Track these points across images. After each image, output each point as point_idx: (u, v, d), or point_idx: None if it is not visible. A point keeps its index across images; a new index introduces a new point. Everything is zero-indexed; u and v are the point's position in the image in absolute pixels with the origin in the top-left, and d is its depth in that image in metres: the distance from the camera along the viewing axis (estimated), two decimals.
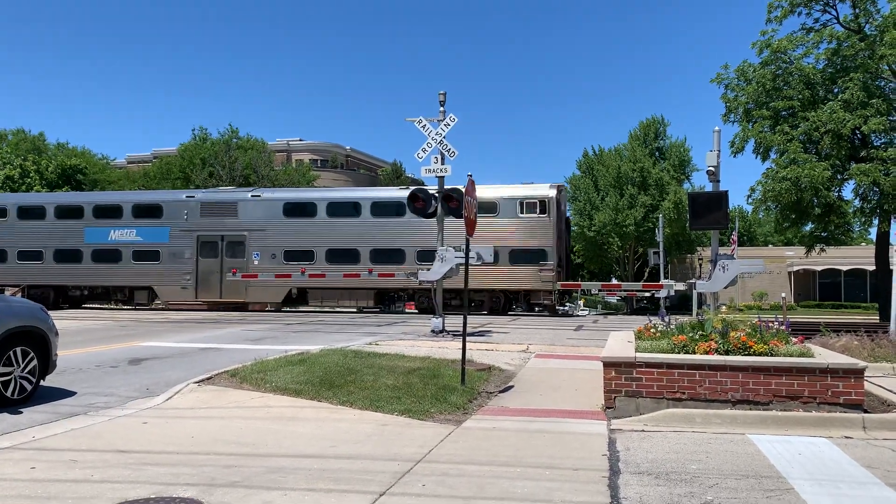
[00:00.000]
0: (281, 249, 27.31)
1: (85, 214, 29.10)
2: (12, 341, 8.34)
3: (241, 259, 27.56)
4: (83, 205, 29.55)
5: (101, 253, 28.67)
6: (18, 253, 29.28)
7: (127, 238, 28.60)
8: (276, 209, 27.76)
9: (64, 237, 29.08)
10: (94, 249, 28.77)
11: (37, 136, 53.35)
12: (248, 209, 27.90)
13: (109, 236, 28.72)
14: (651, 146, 53.01)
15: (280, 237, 27.45)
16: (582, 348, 13.83)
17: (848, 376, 7.77)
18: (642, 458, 6.34)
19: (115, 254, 28.57)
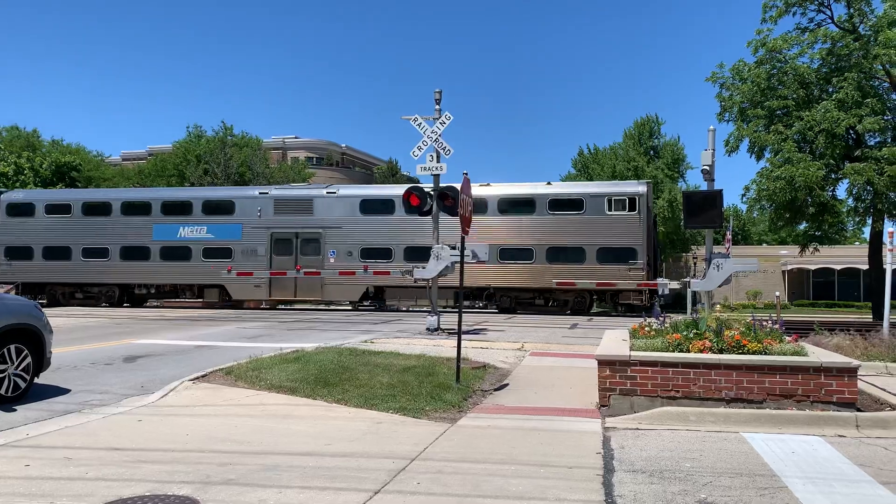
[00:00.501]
0: (358, 247, 26.64)
1: (153, 211, 28.33)
2: (6, 339, 8.32)
3: (316, 257, 26.84)
4: (151, 201, 28.82)
5: (170, 250, 27.87)
6: (83, 250, 28.42)
7: (197, 235, 27.83)
8: (354, 206, 27.10)
9: (131, 234, 28.25)
10: (162, 247, 27.95)
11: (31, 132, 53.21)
12: (325, 206, 27.21)
13: (179, 233, 27.92)
14: (646, 145, 53.10)
15: (357, 235, 26.77)
16: (577, 346, 13.85)
17: (841, 375, 7.81)
18: (637, 456, 6.36)
19: (185, 251, 27.80)
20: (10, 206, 29.53)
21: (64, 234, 28.77)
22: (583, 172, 54.08)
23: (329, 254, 26.85)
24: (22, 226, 29.03)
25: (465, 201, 11.53)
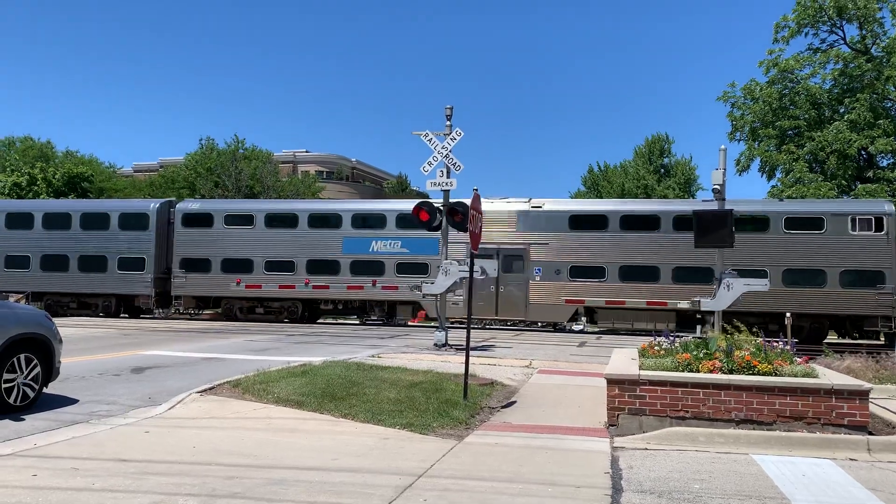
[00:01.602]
0: (566, 265, 25.26)
1: (343, 224, 27.19)
2: (16, 348, 8.36)
3: (519, 273, 25.48)
4: (341, 213, 27.54)
5: (361, 265, 26.67)
6: (266, 263, 27.30)
7: (391, 249, 26.59)
8: (561, 221, 25.73)
9: (319, 247, 27.08)
10: (352, 261, 26.73)
11: (44, 143, 53.62)
12: (529, 220, 25.87)
13: (371, 247, 26.69)
14: (656, 163, 53.08)
15: (565, 251, 25.39)
16: (585, 365, 13.79)
17: (853, 398, 7.73)
18: (645, 477, 6.31)
19: (377, 266, 26.57)
20: (187, 217, 28.35)
21: (244, 246, 27.54)
22: (592, 190, 54.07)
23: (534, 270, 25.53)
24: (199, 237, 27.87)
25: (475, 217, 11.52)
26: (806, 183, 33.94)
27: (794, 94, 37.01)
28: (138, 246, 28.00)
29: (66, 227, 28.69)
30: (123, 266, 27.96)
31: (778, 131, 37.03)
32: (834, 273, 23.42)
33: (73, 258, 28.27)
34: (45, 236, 28.78)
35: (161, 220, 28.37)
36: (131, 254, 28.00)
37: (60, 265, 28.40)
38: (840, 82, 36.37)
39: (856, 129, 33.81)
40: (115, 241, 28.21)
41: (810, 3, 35.90)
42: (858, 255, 23.44)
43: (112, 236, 28.26)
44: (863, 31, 36.22)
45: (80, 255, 28.27)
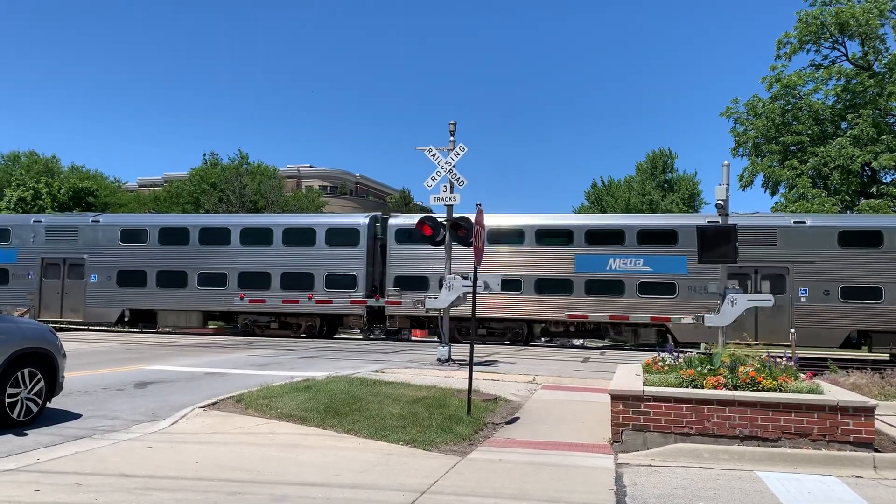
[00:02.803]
0: (837, 285, 23.34)
1: (575, 240, 25.00)
2: (20, 362, 8.36)
3: (780, 294, 23.00)
4: (572, 229, 25.34)
5: (597, 284, 24.59)
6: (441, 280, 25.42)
7: (631, 268, 24.48)
8: (829, 237, 23.81)
9: (546, 265, 25.08)
10: (587, 280, 24.63)
11: (49, 158, 53.87)
12: (791, 236, 23.95)
13: (608, 265, 24.58)
14: (659, 178, 53.14)
15: (834, 270, 23.44)
16: (589, 380, 13.74)
17: (858, 414, 7.70)
18: (649, 494, 6.28)
19: (616, 285, 24.49)
20: (401, 232, 26.41)
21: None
22: (596, 205, 54.08)
23: (800, 292, 23.51)
24: (414, 253, 25.74)
25: (478, 232, 11.55)
26: (809, 198, 33.94)
27: (796, 109, 37.11)
28: (348, 263, 26.07)
29: (267, 244, 26.89)
30: (331, 284, 25.97)
31: (781, 147, 37.09)
32: None
33: (276, 276, 26.37)
34: (242, 252, 26.97)
35: (370, 236, 26.62)
36: (340, 271, 26.09)
37: (260, 283, 26.39)
38: (843, 98, 36.48)
39: (859, 144, 33.85)
40: (322, 257, 26.38)
41: (812, 19, 36.07)
42: None
43: (318, 253, 26.44)
44: (865, 48, 36.35)
45: (283, 272, 26.41)
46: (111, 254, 27.81)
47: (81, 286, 27.74)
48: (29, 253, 28.23)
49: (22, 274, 28.11)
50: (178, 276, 27.21)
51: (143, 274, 27.43)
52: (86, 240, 28.08)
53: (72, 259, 27.96)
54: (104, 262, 27.71)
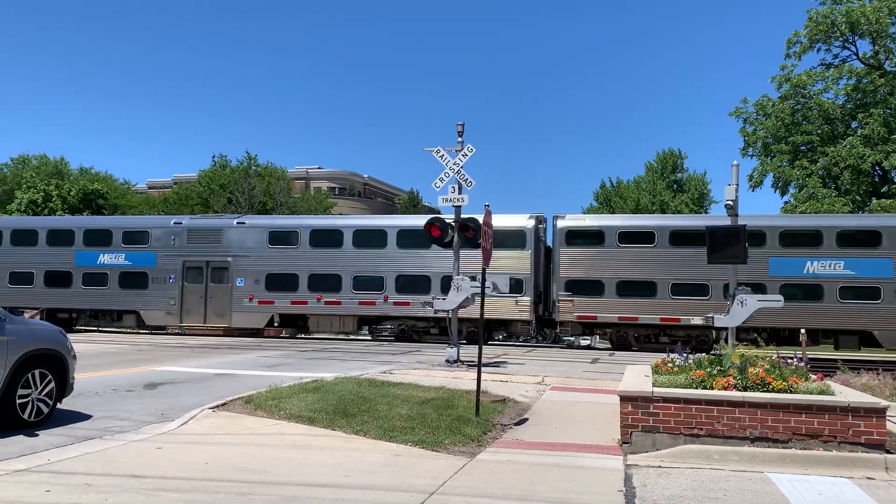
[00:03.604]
0: None
1: (768, 242, 23.48)
2: (31, 363, 8.41)
3: None
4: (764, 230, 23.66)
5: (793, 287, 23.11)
6: (619, 284, 24.06)
7: (830, 271, 23.06)
8: None
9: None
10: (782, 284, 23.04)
11: (59, 160, 54.20)
12: None
13: (805, 269, 23.19)
14: (668, 178, 53.01)
15: None
16: (598, 381, 13.71)
17: (869, 415, 7.64)
18: (659, 495, 6.26)
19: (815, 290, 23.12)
20: (571, 234, 25.14)
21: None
22: (605, 205, 53.99)
23: None
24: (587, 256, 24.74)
25: (486, 233, 11.54)
26: (820, 198, 33.78)
27: (806, 109, 36.94)
28: (513, 267, 24.57)
29: (426, 246, 24.75)
30: None
31: (791, 147, 36.93)
32: None
33: (435, 279, 25.00)
34: (399, 255, 25.85)
35: (536, 238, 25.37)
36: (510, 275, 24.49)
37: (419, 287, 25.09)
38: (853, 97, 36.29)
39: (870, 144, 33.66)
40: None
41: (822, 18, 35.90)
42: None
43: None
44: (876, 47, 36.15)
45: (444, 276, 24.51)
46: (259, 256, 26.87)
47: (227, 290, 26.86)
48: (169, 256, 27.52)
49: (162, 277, 27.39)
50: (331, 279, 26.13)
51: (293, 277, 26.38)
52: (231, 242, 27.26)
53: (215, 262, 27.12)
54: (251, 266, 26.80)
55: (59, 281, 28.25)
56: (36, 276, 28.44)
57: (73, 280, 28.12)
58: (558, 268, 24.85)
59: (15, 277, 28.62)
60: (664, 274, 23.86)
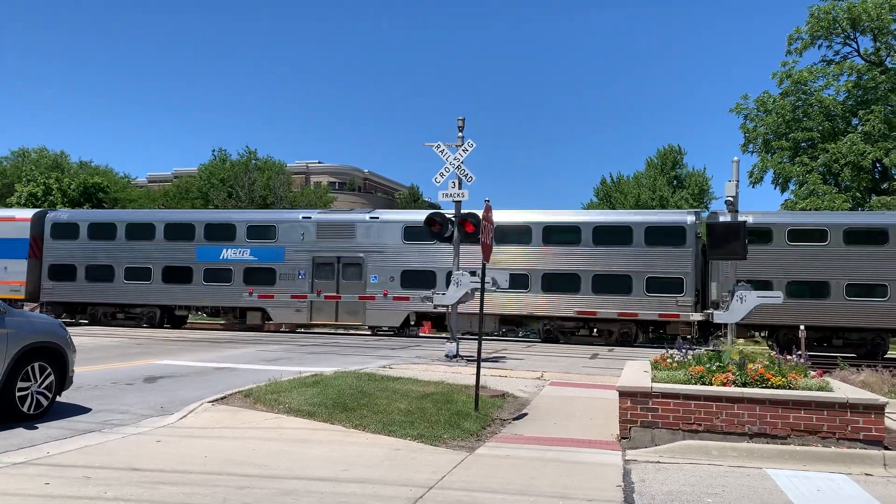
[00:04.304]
0: None
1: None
2: (31, 356, 8.42)
3: None
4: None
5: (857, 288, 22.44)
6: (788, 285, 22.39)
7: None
8: None
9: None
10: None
11: (58, 154, 54.13)
12: None
13: None
14: (668, 175, 52.98)
15: None
16: (597, 377, 13.72)
17: (868, 412, 7.65)
18: (657, 490, 6.26)
19: None
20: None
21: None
22: (605, 201, 53.95)
23: None
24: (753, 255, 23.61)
25: (486, 228, 11.53)
26: (820, 195, 33.77)
27: (807, 105, 36.89)
28: (672, 264, 23.55)
29: (575, 243, 24.41)
30: (652, 288, 23.63)
31: (791, 143, 36.90)
32: None
33: (586, 278, 24.00)
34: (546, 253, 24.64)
35: (696, 234, 24.04)
36: (662, 273, 23.62)
37: (568, 285, 24.14)
38: (854, 94, 36.24)
39: (870, 140, 33.63)
40: (641, 258, 23.86)
41: (823, 15, 35.83)
42: None
43: (636, 253, 23.94)
44: (877, 43, 36.09)
45: (595, 275, 23.97)
46: (394, 253, 25.81)
47: (359, 287, 25.90)
48: (298, 251, 26.53)
49: (291, 274, 26.42)
50: None
51: (431, 275, 25.18)
52: (364, 238, 26.22)
53: (347, 258, 26.06)
54: (385, 262, 25.74)
55: (179, 276, 27.33)
56: (153, 271, 27.50)
57: (194, 276, 27.20)
58: (721, 268, 23.11)
59: (131, 273, 27.72)
60: (838, 274, 22.72)
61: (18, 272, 28.06)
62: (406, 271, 25.51)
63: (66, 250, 28.34)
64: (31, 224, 28.57)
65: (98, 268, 28.00)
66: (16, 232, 28.49)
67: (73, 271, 28.13)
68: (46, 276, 28.22)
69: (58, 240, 28.49)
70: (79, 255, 28.22)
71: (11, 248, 28.26)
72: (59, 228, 28.64)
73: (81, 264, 28.11)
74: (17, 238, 28.36)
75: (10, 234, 28.48)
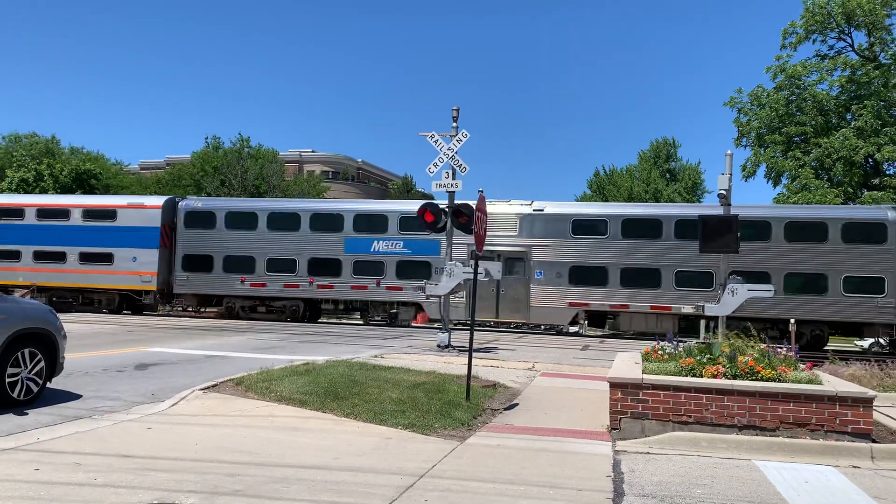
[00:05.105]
0: None
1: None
2: (21, 342, 8.38)
3: None
4: None
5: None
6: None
7: None
8: None
9: None
10: None
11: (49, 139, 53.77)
12: None
13: None
14: (662, 167, 53.05)
15: None
16: (588, 368, 13.77)
17: (857, 405, 7.70)
18: (647, 481, 6.30)
19: None
20: None
21: None
22: (598, 193, 54.00)
23: None
24: None
25: (480, 219, 11.53)
26: (812, 190, 33.89)
27: (801, 100, 36.96)
28: (870, 264, 22.36)
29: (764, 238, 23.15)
30: (849, 289, 22.45)
31: (784, 137, 36.98)
32: None
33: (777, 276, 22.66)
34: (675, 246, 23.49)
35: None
36: (859, 273, 22.42)
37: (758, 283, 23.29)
38: (847, 89, 36.31)
39: (862, 136, 33.74)
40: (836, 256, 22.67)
41: (818, 9, 35.86)
42: None
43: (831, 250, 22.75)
44: (871, 39, 36.16)
45: (787, 273, 22.78)
46: (560, 247, 24.52)
47: (523, 283, 24.62)
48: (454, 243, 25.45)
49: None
50: (650, 274, 23.62)
51: (602, 271, 24.07)
52: (527, 231, 24.97)
53: (509, 252, 24.67)
54: (551, 257, 24.41)
55: (326, 269, 26.16)
56: (299, 263, 26.36)
57: (343, 268, 26.08)
58: None
59: (273, 264, 26.56)
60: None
61: (149, 262, 27.02)
62: (575, 267, 24.27)
63: (202, 240, 27.18)
64: (162, 212, 27.47)
65: (237, 258, 26.82)
66: (146, 220, 27.39)
67: (209, 261, 27.00)
68: (180, 266, 27.15)
69: (192, 228, 27.36)
70: (216, 245, 27.05)
71: (141, 237, 27.18)
72: (194, 216, 27.53)
73: (219, 254, 26.99)
74: (148, 227, 27.25)
75: (139, 222, 27.44)
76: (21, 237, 28.18)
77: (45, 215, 28.52)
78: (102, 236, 27.55)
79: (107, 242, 27.44)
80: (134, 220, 27.55)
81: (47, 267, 27.77)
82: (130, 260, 27.18)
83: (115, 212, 27.94)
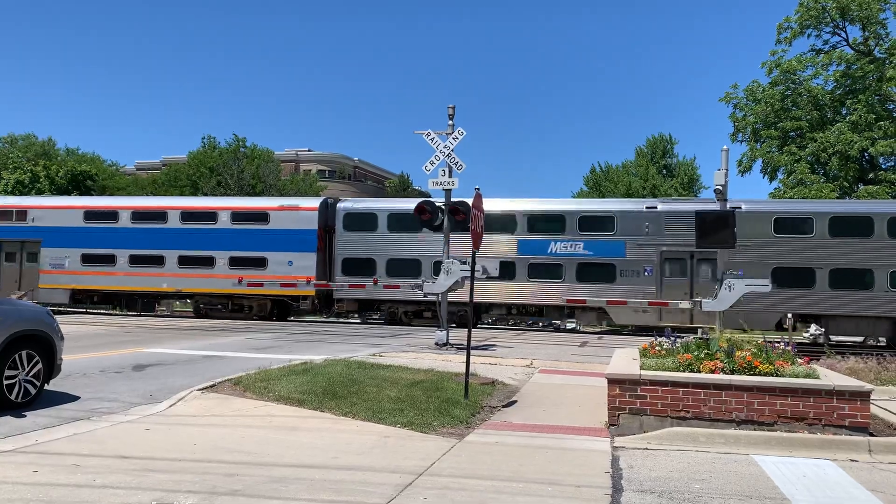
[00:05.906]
0: None
1: None
2: (18, 344, 8.36)
3: None
4: None
5: None
6: None
7: None
8: None
9: None
10: None
11: (45, 140, 53.67)
12: None
13: None
14: (658, 163, 53.11)
15: None
16: (586, 364, 13.78)
17: (854, 399, 7.72)
18: (645, 476, 6.31)
19: None
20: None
21: None
22: (595, 190, 54.03)
23: None
24: None
25: (476, 216, 11.52)
26: (808, 184, 33.94)
27: (796, 95, 37.01)
28: None
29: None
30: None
31: (780, 132, 37.04)
32: None
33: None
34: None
35: None
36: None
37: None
38: (842, 83, 36.38)
39: (857, 130, 33.80)
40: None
41: (813, 3, 35.89)
42: None
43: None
44: (865, 33, 36.20)
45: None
46: (764, 247, 22.81)
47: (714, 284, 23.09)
48: (641, 245, 23.69)
49: (634, 270, 23.64)
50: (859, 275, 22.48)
51: (809, 273, 22.60)
52: None
53: (703, 254, 22.75)
54: (749, 259, 22.20)
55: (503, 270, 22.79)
56: None
57: (517, 271, 24.46)
58: None
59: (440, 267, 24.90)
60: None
61: (307, 267, 25.69)
62: (779, 268, 22.47)
63: (363, 243, 25.86)
64: (318, 213, 26.24)
65: (401, 262, 25.36)
66: (302, 223, 26.07)
67: (371, 265, 25.67)
68: (339, 270, 25.84)
69: (351, 231, 26.02)
70: (378, 249, 25.74)
71: (297, 241, 25.85)
72: (354, 218, 26.17)
73: (382, 258, 25.65)
74: (305, 229, 25.92)
75: (294, 224, 26.08)
76: (165, 241, 26.71)
77: (190, 218, 27.03)
78: (253, 240, 26.17)
79: (259, 246, 26.07)
80: (289, 223, 26.17)
81: (193, 272, 26.39)
82: (286, 264, 25.86)
83: (266, 214, 26.55)
